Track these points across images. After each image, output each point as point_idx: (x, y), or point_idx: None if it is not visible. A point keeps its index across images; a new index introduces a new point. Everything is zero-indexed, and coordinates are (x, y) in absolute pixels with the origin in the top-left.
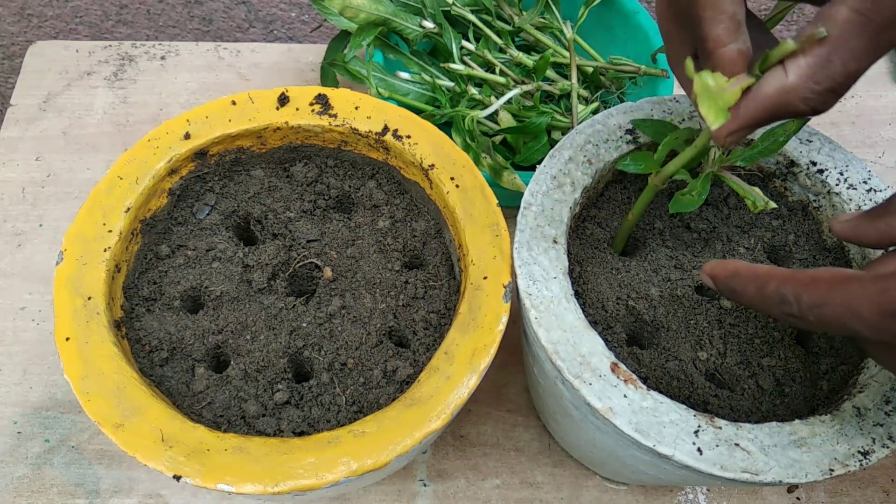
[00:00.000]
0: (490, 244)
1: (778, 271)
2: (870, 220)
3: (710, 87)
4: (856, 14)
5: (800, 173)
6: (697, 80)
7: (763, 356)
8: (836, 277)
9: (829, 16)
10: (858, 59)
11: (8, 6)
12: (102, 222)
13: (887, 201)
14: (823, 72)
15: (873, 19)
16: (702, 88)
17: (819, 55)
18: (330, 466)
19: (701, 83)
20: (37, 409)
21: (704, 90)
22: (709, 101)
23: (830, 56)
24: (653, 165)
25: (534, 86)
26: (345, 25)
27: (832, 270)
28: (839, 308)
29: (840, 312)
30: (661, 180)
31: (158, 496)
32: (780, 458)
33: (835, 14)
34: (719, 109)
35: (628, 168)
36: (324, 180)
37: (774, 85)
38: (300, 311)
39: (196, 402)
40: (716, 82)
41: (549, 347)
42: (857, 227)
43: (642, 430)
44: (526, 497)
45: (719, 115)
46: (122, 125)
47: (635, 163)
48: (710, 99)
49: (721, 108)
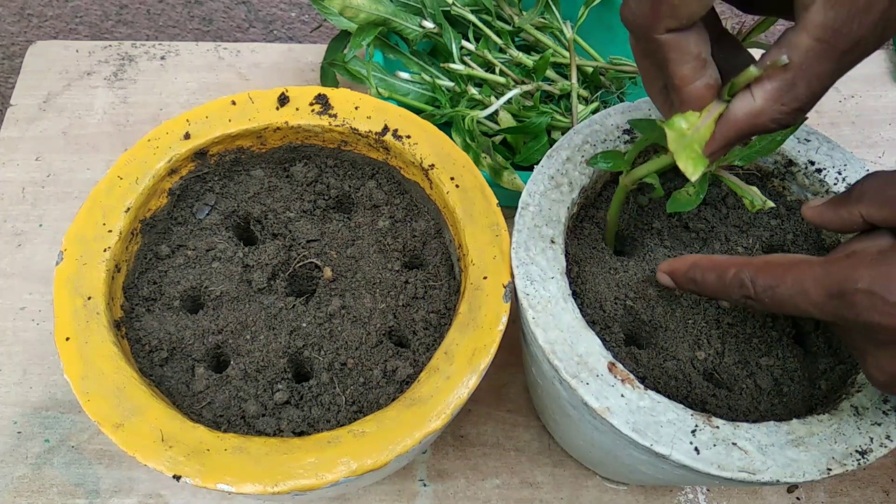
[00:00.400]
0: (490, 244)
1: (736, 259)
2: (833, 207)
3: (684, 130)
4: (817, 42)
5: (798, 172)
6: (670, 131)
7: (761, 356)
8: (790, 261)
9: (791, 43)
10: (822, 80)
11: (8, 6)
12: (102, 222)
13: (849, 190)
14: (789, 94)
15: (835, 46)
16: (676, 137)
17: (784, 80)
18: (330, 466)
19: (675, 131)
20: (37, 409)
21: (679, 138)
22: (685, 150)
23: (795, 80)
24: (622, 164)
25: (534, 86)
26: (345, 25)
27: (787, 256)
28: (791, 289)
29: (792, 293)
30: (631, 181)
31: (158, 496)
32: (777, 457)
33: (797, 41)
34: (697, 158)
35: (598, 165)
36: (324, 180)
37: (744, 109)
38: (300, 311)
39: (196, 402)
40: (688, 123)
41: (547, 347)
42: (822, 213)
43: (639, 430)
44: (526, 497)
45: (698, 165)
46: (122, 125)
47: (605, 160)
48: (686, 148)
49: (698, 156)
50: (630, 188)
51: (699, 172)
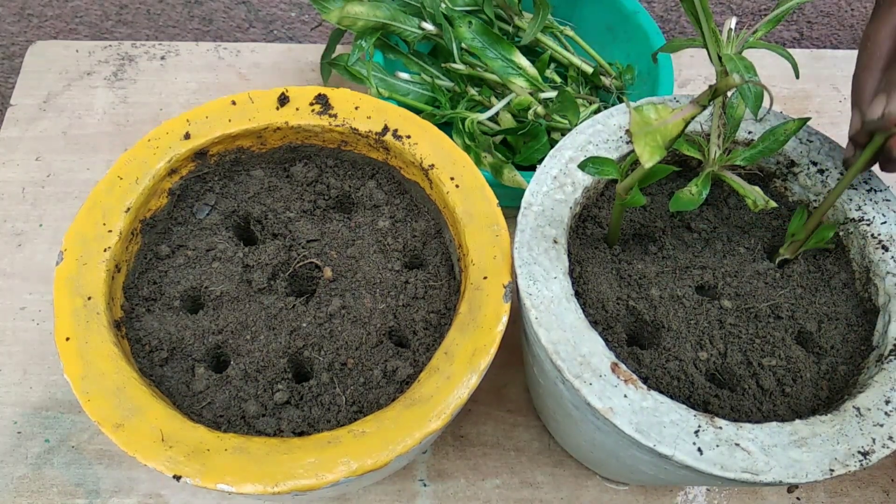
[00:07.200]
0: (490, 244)
1: None
2: None
3: (650, 119)
4: None
5: (800, 173)
6: (636, 115)
7: (764, 356)
8: None
9: None
10: None
11: (8, 6)
12: (102, 222)
13: None
14: None
15: None
16: (640, 123)
17: None
18: (330, 466)
19: (640, 118)
20: (37, 409)
21: (643, 124)
22: (646, 137)
23: None
24: (613, 171)
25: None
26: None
27: None
28: None
29: None
30: (624, 189)
31: (158, 496)
32: (780, 458)
33: None
34: (655, 146)
35: (587, 171)
36: (324, 180)
37: None
38: (300, 311)
39: (196, 402)
40: (657, 115)
41: (550, 347)
42: None
43: (642, 430)
44: (526, 497)
45: (654, 154)
46: (122, 125)
47: (594, 166)
48: (647, 135)
49: (657, 145)
50: (625, 196)
51: (654, 161)
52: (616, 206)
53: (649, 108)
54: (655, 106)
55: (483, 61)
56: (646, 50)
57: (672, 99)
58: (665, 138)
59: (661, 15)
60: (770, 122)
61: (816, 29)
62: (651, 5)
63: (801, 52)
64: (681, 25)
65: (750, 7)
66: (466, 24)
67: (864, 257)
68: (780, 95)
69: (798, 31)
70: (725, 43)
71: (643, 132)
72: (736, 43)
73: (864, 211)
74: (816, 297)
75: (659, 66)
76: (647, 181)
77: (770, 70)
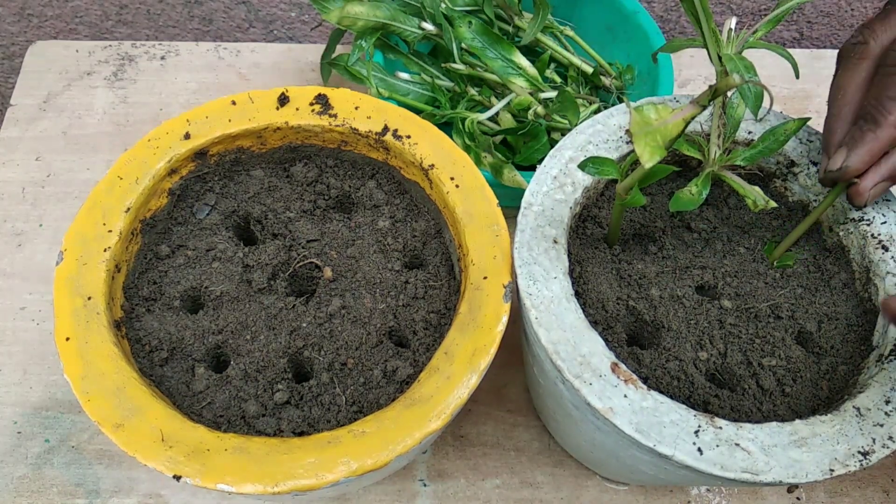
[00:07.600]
0: (490, 244)
1: None
2: None
3: (651, 119)
4: None
5: (800, 173)
6: (635, 115)
7: (764, 356)
8: None
9: None
10: None
11: (8, 6)
12: (102, 222)
13: None
14: None
15: None
16: (640, 123)
17: None
18: (330, 466)
19: (640, 118)
20: (37, 409)
21: (643, 124)
22: (646, 136)
23: None
24: (613, 172)
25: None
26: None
27: None
28: None
29: None
30: (624, 190)
31: (158, 496)
32: (780, 458)
33: None
34: (655, 147)
35: (588, 171)
36: (324, 180)
37: None
38: (300, 311)
39: (196, 402)
40: (658, 115)
41: (550, 347)
42: None
43: (642, 430)
44: (526, 497)
45: (654, 154)
46: (122, 125)
47: (594, 165)
48: (647, 135)
49: (658, 145)
50: (625, 196)
51: (654, 161)
52: (616, 206)
53: (649, 108)
54: (655, 106)
55: (483, 61)
56: (646, 50)
57: (672, 99)
58: (665, 138)
59: (661, 15)
60: (770, 122)
61: (816, 29)
62: (651, 5)
63: (801, 52)
64: (681, 25)
65: (750, 7)
66: (466, 24)
67: (864, 257)
68: (780, 95)
69: (798, 31)
70: (725, 43)
71: (643, 132)
72: (736, 43)
73: (863, 211)
74: (816, 297)
75: (659, 66)
76: (647, 181)
77: (770, 70)
